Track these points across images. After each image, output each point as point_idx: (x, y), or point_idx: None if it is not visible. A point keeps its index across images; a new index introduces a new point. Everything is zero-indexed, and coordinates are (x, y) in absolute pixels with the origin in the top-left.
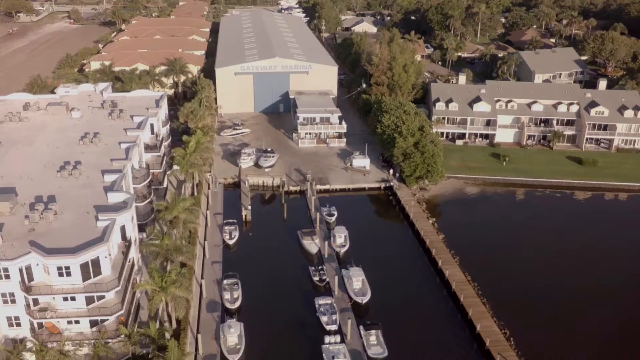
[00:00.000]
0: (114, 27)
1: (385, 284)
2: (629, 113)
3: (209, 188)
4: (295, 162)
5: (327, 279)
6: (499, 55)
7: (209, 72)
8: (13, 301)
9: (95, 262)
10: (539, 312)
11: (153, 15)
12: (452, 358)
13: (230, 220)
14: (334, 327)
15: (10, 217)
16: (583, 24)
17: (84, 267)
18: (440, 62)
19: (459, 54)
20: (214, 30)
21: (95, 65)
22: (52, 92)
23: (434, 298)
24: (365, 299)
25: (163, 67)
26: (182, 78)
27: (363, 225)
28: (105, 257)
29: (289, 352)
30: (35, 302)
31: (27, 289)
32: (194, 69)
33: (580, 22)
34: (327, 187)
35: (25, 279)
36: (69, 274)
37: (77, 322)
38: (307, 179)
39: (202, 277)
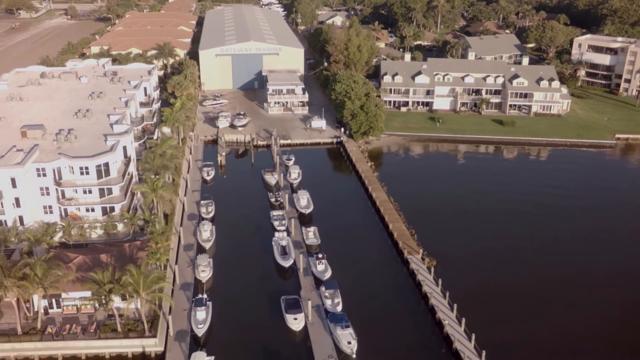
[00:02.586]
0: (108, 22)
1: (326, 202)
2: (544, 84)
3: (191, 141)
4: (265, 124)
5: (282, 200)
6: (450, 41)
7: (194, 55)
8: (48, 193)
9: (106, 166)
10: (442, 221)
11: (145, 10)
12: (367, 243)
13: (208, 163)
14: (282, 228)
15: (42, 140)
16: (536, 17)
17: (98, 168)
18: (401, 49)
19: (420, 42)
20: (200, 23)
21: (95, 49)
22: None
23: (362, 211)
24: (308, 211)
25: (154, 51)
26: (171, 60)
27: (315, 167)
28: (113, 162)
29: (248, 242)
30: (64, 194)
31: (58, 184)
32: (181, 53)
33: (533, 15)
34: (289, 141)
35: (57, 177)
36: (87, 173)
37: (92, 210)
38: (273, 135)
39: (184, 196)
